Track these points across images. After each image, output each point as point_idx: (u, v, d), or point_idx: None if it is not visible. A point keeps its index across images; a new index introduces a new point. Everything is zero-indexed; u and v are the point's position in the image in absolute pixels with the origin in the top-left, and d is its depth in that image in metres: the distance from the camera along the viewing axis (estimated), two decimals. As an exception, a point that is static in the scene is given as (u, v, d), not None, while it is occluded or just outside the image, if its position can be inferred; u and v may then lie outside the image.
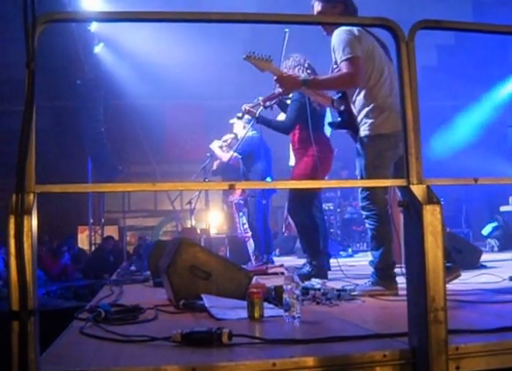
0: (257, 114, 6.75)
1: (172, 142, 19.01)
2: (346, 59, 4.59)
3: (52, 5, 9.77)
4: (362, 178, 4.76)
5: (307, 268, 6.17)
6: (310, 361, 2.40)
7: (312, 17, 2.56)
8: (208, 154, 10.14)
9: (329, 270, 6.67)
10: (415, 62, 2.54)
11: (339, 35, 4.66)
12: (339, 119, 5.05)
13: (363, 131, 4.72)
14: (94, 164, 18.28)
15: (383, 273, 4.68)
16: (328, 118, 6.67)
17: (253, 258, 8.42)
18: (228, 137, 9.61)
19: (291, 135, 6.67)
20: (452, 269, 4.58)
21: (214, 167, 10.35)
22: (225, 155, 9.35)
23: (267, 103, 6.84)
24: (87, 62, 14.80)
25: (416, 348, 2.41)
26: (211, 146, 9.65)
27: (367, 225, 4.82)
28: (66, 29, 11.56)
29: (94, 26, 14.09)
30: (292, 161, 7.41)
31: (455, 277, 4.59)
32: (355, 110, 4.85)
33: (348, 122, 4.96)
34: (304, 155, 6.42)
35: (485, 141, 16.23)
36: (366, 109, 4.71)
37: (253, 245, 9.97)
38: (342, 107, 5.01)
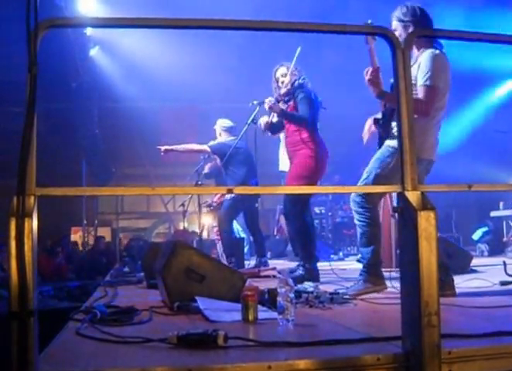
0: (278, 110, 6.62)
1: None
2: (425, 86, 4.57)
3: (48, 8, 9.78)
4: (368, 177, 4.80)
5: (300, 271, 6.21)
6: (305, 364, 2.42)
7: (308, 25, 2.58)
8: (201, 158, 10.20)
9: None
10: (410, 69, 2.57)
11: (431, 58, 4.60)
12: (382, 117, 5.04)
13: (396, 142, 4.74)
14: (89, 165, 18.27)
15: (373, 270, 4.76)
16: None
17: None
18: (211, 143, 9.66)
19: (288, 136, 6.66)
20: (448, 287, 4.62)
21: (206, 170, 10.39)
22: (196, 145, 9.41)
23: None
24: (83, 65, 14.78)
25: (409, 352, 2.44)
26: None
27: (357, 221, 4.87)
28: (62, 32, 11.57)
29: (90, 30, 14.04)
30: (283, 166, 7.43)
31: (446, 295, 4.61)
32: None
33: (387, 123, 4.98)
34: (303, 156, 6.41)
35: (472, 145, 16.29)
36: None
37: (221, 247, 10.06)
38: (389, 108, 5.01)
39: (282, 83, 6.76)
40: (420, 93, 4.59)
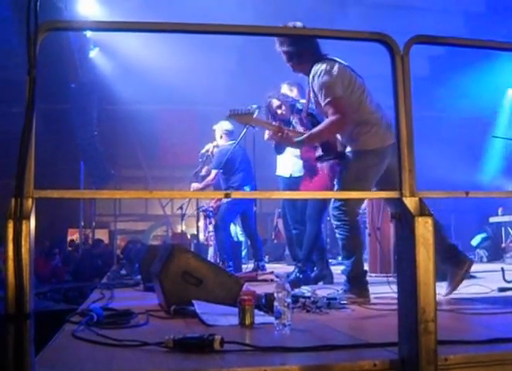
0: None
1: (164, 147, 19.06)
2: (328, 103, 4.66)
3: (48, 9, 9.79)
4: (339, 188, 4.83)
5: (296, 274, 6.23)
6: (301, 369, 2.42)
7: (307, 30, 2.58)
8: (200, 160, 10.21)
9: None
10: (410, 76, 2.57)
11: (318, 77, 4.74)
12: (322, 153, 5.09)
13: (352, 146, 4.80)
14: (87, 167, 18.25)
15: (355, 282, 4.78)
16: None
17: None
18: (209, 146, 9.69)
19: (304, 152, 6.63)
20: (462, 261, 4.73)
21: (203, 172, 10.40)
22: (210, 178, 9.42)
23: None
24: (82, 66, 14.79)
25: (406, 358, 2.43)
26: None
27: (337, 235, 4.90)
28: (61, 33, 11.59)
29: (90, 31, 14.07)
30: (280, 171, 7.42)
31: (468, 268, 4.72)
32: (343, 134, 4.90)
33: (329, 152, 5.03)
34: (326, 170, 6.40)
35: (470, 151, 16.33)
36: (354, 128, 4.77)
37: (211, 251, 10.10)
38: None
39: (281, 114, 6.75)
40: (329, 112, 4.69)
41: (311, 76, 4.81)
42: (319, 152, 5.14)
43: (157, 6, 12.61)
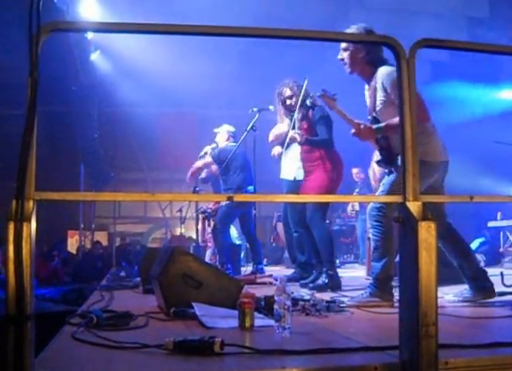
0: (301, 139, 6.50)
1: (164, 150, 19.06)
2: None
3: (51, 12, 9.79)
4: (384, 190, 4.82)
5: (323, 279, 6.16)
6: (301, 372, 2.42)
7: (311, 33, 2.57)
8: (199, 163, 10.21)
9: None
10: (415, 79, 2.57)
11: (390, 74, 4.62)
12: (381, 157, 5.06)
13: None
14: (86, 170, 18.25)
15: (381, 285, 4.73)
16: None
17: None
18: (207, 149, 9.67)
19: (304, 152, 6.64)
20: (486, 290, 4.72)
21: (203, 175, 10.40)
22: (199, 162, 9.46)
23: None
24: (83, 68, 14.77)
25: (406, 361, 2.42)
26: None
27: (371, 235, 4.87)
28: (63, 35, 11.58)
29: (91, 34, 14.02)
30: (284, 174, 7.42)
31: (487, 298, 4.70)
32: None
33: (388, 160, 4.97)
34: (321, 171, 6.39)
35: (471, 157, 16.28)
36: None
37: (209, 253, 10.11)
38: (383, 145, 5.01)
39: (290, 105, 6.75)
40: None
41: (379, 76, 4.74)
42: (378, 157, 5.11)
43: (157, 10, 12.62)
